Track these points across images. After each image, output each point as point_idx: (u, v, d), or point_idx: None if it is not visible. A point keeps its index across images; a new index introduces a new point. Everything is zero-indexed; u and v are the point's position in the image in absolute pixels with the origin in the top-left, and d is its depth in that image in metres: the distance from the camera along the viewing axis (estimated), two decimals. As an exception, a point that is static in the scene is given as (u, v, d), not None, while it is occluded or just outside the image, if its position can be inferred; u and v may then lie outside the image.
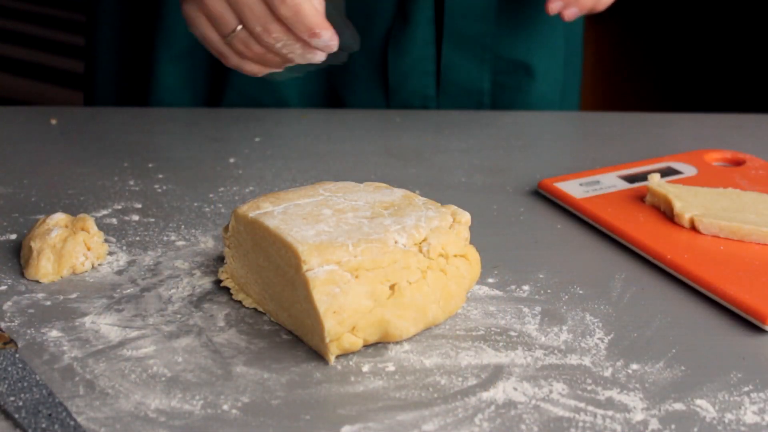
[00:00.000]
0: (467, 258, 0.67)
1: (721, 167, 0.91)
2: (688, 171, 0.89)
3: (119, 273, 0.72)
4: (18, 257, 0.74)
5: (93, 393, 0.59)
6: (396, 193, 0.70)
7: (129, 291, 0.70)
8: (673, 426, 0.57)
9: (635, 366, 0.62)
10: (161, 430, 0.56)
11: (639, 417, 0.58)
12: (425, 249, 0.64)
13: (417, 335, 0.65)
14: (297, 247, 0.62)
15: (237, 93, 1.05)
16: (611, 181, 0.87)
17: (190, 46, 0.86)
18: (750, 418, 0.58)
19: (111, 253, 0.75)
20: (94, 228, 0.74)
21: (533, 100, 1.09)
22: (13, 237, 0.77)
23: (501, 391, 0.60)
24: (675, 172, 0.89)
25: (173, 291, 0.70)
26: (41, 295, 0.69)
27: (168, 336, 0.65)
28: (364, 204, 0.68)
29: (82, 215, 0.74)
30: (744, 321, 0.68)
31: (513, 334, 0.66)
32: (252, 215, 0.66)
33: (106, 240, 0.76)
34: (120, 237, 0.78)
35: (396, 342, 0.64)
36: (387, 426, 0.57)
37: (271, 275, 0.66)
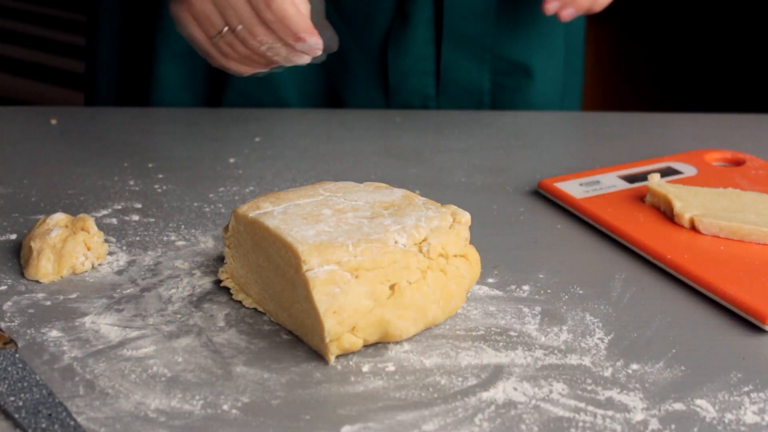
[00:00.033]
0: (467, 258, 0.66)
1: (721, 167, 0.91)
2: (688, 171, 0.89)
3: (119, 273, 0.72)
4: (18, 257, 0.74)
5: (93, 393, 0.59)
6: (396, 193, 0.70)
7: (129, 291, 0.70)
8: (673, 426, 0.57)
9: (635, 366, 0.62)
10: (161, 430, 0.56)
11: (639, 417, 0.58)
12: (425, 249, 0.64)
13: (417, 335, 0.65)
14: (297, 247, 0.62)
15: (237, 93, 1.05)
16: (611, 181, 0.87)
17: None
18: (750, 418, 0.58)
19: (111, 253, 0.75)
20: (94, 228, 0.74)
21: (533, 100, 1.09)
22: (13, 237, 0.77)
23: (501, 391, 0.60)
24: (675, 172, 0.89)
25: (173, 291, 0.70)
26: (41, 295, 0.69)
27: (168, 336, 0.65)
28: (364, 204, 0.68)
29: (82, 215, 0.74)
30: (744, 321, 0.68)
31: (513, 334, 0.66)
32: (252, 215, 0.66)
33: (106, 240, 0.76)
34: (120, 237, 0.78)
35: (396, 342, 0.64)
36: (387, 426, 0.57)
37: (271, 275, 0.66)
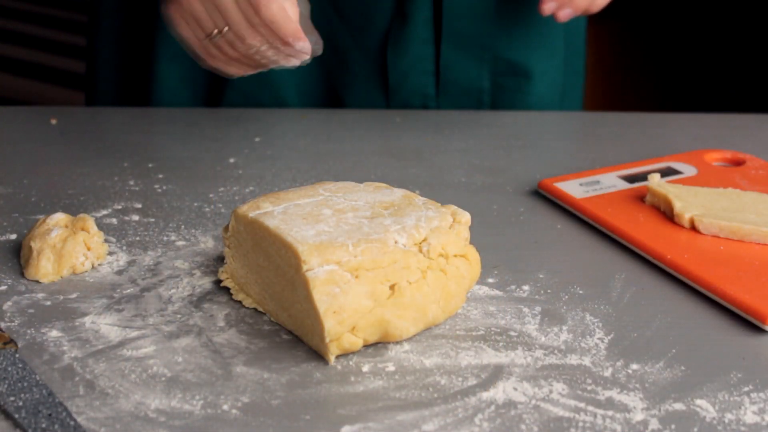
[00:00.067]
0: (467, 258, 0.66)
1: (721, 167, 0.91)
2: (688, 171, 0.89)
3: (119, 273, 0.72)
4: (18, 257, 0.74)
5: (93, 393, 0.59)
6: (396, 193, 0.70)
7: (129, 291, 0.70)
8: (673, 426, 0.57)
9: (635, 366, 0.62)
10: (161, 430, 0.56)
11: (639, 417, 0.58)
12: (425, 249, 0.64)
13: (417, 335, 0.65)
14: (297, 247, 0.62)
15: (237, 92, 1.05)
16: (611, 181, 0.87)
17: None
18: (750, 418, 0.58)
19: (111, 253, 0.75)
20: (94, 228, 0.74)
21: (532, 100, 1.09)
22: (13, 237, 0.77)
23: (501, 391, 0.60)
24: (675, 172, 0.89)
25: (173, 291, 0.70)
26: (41, 295, 0.69)
27: (168, 336, 0.65)
28: (364, 204, 0.68)
29: (82, 215, 0.74)
30: (744, 321, 0.68)
31: (513, 334, 0.66)
32: (252, 215, 0.66)
33: (106, 240, 0.76)
34: (120, 237, 0.78)
35: (396, 342, 0.64)
36: (387, 426, 0.57)
37: (271, 275, 0.66)
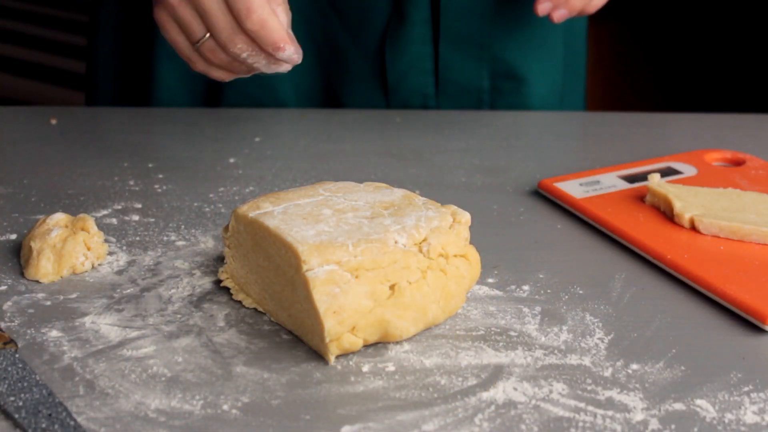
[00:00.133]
0: (467, 258, 0.66)
1: (721, 167, 0.91)
2: (688, 171, 0.89)
3: (119, 273, 0.72)
4: (18, 257, 0.74)
5: (93, 393, 0.59)
6: (396, 193, 0.70)
7: (129, 291, 0.70)
8: (673, 426, 0.57)
9: (635, 366, 0.62)
10: (161, 430, 0.56)
11: (639, 417, 0.58)
12: (425, 249, 0.64)
13: (417, 335, 0.65)
14: (297, 247, 0.62)
15: (235, 92, 1.05)
16: (611, 181, 0.87)
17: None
18: (750, 418, 0.58)
19: (111, 253, 0.75)
20: (94, 228, 0.74)
21: (531, 101, 1.09)
22: (13, 237, 0.77)
23: (501, 391, 0.60)
24: (675, 172, 0.89)
25: (173, 291, 0.70)
26: (41, 295, 0.69)
27: (168, 336, 0.65)
28: (364, 204, 0.68)
29: (82, 215, 0.74)
30: (744, 321, 0.68)
31: (513, 334, 0.66)
32: (252, 215, 0.66)
33: (106, 240, 0.76)
34: (120, 237, 0.78)
35: (396, 342, 0.64)
36: (387, 426, 0.57)
37: (271, 275, 0.66)
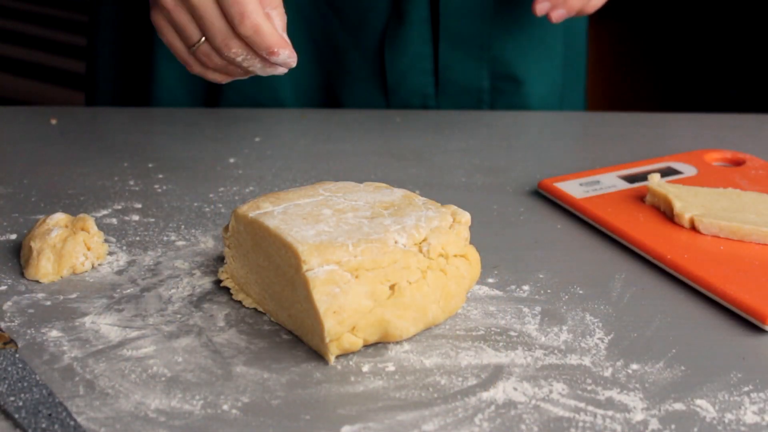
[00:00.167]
0: (467, 258, 0.66)
1: (721, 167, 0.91)
2: (688, 171, 0.89)
3: (119, 273, 0.72)
4: (18, 257, 0.74)
5: (93, 393, 0.59)
6: (396, 193, 0.70)
7: (129, 291, 0.70)
8: (673, 426, 0.57)
9: (635, 366, 0.62)
10: (161, 430, 0.56)
11: (639, 417, 0.58)
12: (425, 249, 0.64)
13: (417, 335, 0.65)
14: (297, 247, 0.62)
15: (235, 92, 1.05)
16: (611, 181, 0.87)
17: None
18: (750, 418, 0.58)
19: (111, 253, 0.75)
20: (94, 228, 0.74)
21: (531, 101, 1.09)
22: (13, 237, 0.77)
23: (501, 391, 0.60)
24: (675, 172, 0.89)
25: (173, 291, 0.70)
26: (41, 295, 0.69)
27: (168, 336, 0.65)
28: (364, 204, 0.68)
29: (82, 215, 0.74)
30: (744, 321, 0.68)
31: (513, 334, 0.66)
32: (252, 215, 0.66)
33: (106, 240, 0.76)
34: (120, 237, 0.78)
35: (396, 342, 0.64)
36: (387, 426, 0.57)
37: (271, 275, 0.66)
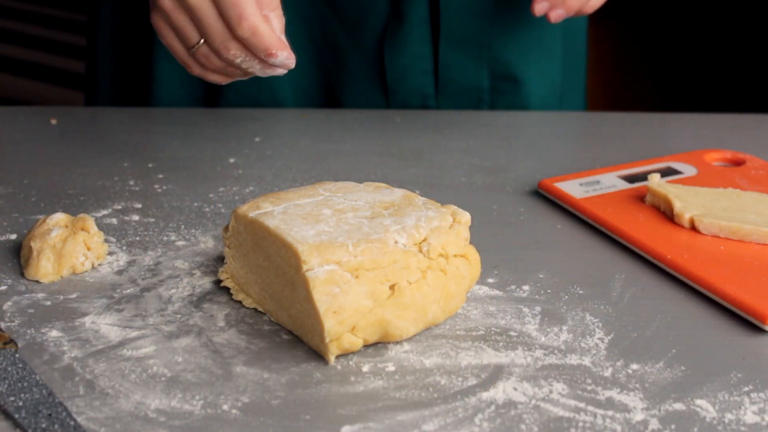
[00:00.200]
0: (467, 258, 0.66)
1: (721, 167, 0.91)
2: (688, 171, 0.89)
3: (119, 273, 0.72)
4: (18, 257, 0.74)
5: (93, 393, 0.59)
6: (396, 193, 0.70)
7: (129, 291, 0.70)
8: (673, 426, 0.57)
9: (635, 366, 0.62)
10: (161, 430, 0.56)
11: (639, 417, 0.58)
12: (425, 249, 0.64)
13: (417, 335, 0.65)
14: (297, 247, 0.62)
15: (234, 92, 1.05)
16: (611, 181, 0.87)
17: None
18: (750, 418, 0.58)
19: (111, 253, 0.75)
20: (94, 228, 0.74)
21: (530, 101, 1.09)
22: (13, 237, 0.77)
23: (501, 391, 0.60)
24: (675, 172, 0.89)
25: (173, 291, 0.70)
26: (41, 295, 0.69)
27: (168, 336, 0.65)
28: (364, 204, 0.68)
29: (82, 215, 0.74)
30: (744, 321, 0.68)
31: (513, 334, 0.66)
32: (252, 215, 0.66)
33: (106, 240, 0.76)
34: (120, 237, 0.78)
35: (396, 342, 0.64)
36: (387, 426, 0.57)
37: (271, 275, 0.66)
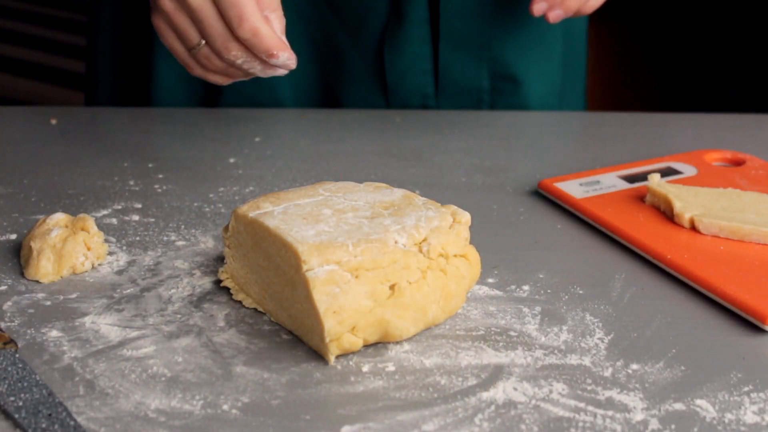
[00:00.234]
0: (467, 258, 0.66)
1: (721, 167, 0.91)
2: (688, 171, 0.89)
3: (119, 273, 0.72)
4: (18, 257, 0.74)
5: (93, 393, 0.59)
6: (396, 193, 0.70)
7: (129, 291, 0.70)
8: (673, 426, 0.57)
9: (635, 366, 0.62)
10: (161, 430, 0.56)
11: (639, 417, 0.58)
12: (425, 249, 0.64)
13: (417, 335, 0.65)
14: (297, 247, 0.62)
15: (234, 92, 1.05)
16: (611, 181, 0.87)
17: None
18: (750, 418, 0.58)
19: (111, 253, 0.75)
20: (94, 228, 0.74)
21: (530, 102, 1.09)
22: (13, 237, 0.77)
23: (501, 391, 0.60)
24: (675, 172, 0.89)
25: (173, 291, 0.70)
26: (41, 295, 0.69)
27: (168, 336, 0.65)
28: (364, 204, 0.68)
29: (82, 215, 0.74)
30: (744, 321, 0.68)
31: (513, 334, 0.66)
32: (252, 215, 0.66)
33: (106, 240, 0.76)
34: (120, 237, 0.78)
35: (396, 342, 0.64)
36: (387, 426, 0.57)
37: (271, 275, 0.66)
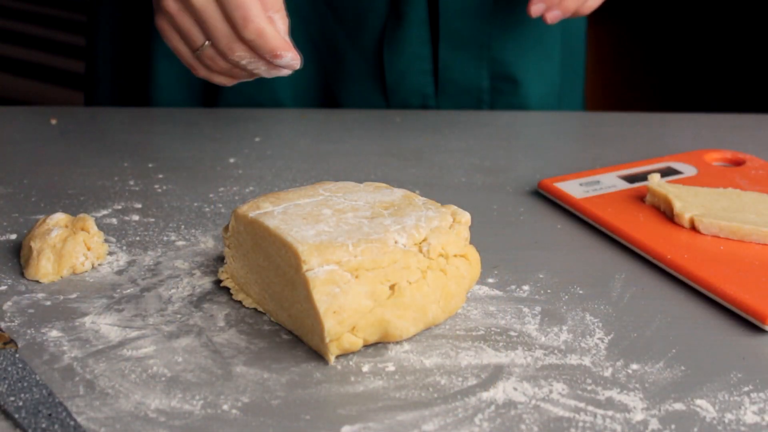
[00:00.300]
0: (467, 258, 0.66)
1: (721, 167, 0.91)
2: (688, 171, 0.89)
3: (119, 273, 0.72)
4: (18, 257, 0.74)
5: (93, 393, 0.59)
6: (396, 193, 0.70)
7: (129, 291, 0.70)
8: (673, 426, 0.57)
9: (635, 366, 0.62)
10: (161, 430, 0.56)
11: (639, 417, 0.58)
12: (425, 249, 0.64)
13: (417, 335, 0.65)
14: (297, 247, 0.62)
15: (233, 92, 1.05)
16: (611, 181, 0.87)
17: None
18: (750, 418, 0.58)
19: (111, 253, 0.75)
20: (94, 228, 0.74)
21: (529, 102, 1.09)
22: (13, 237, 0.77)
23: (501, 391, 0.60)
24: (675, 172, 0.89)
25: (173, 291, 0.70)
26: (41, 295, 0.69)
27: (168, 336, 0.65)
28: (364, 204, 0.68)
29: (82, 215, 0.74)
30: (744, 321, 0.68)
31: (513, 334, 0.66)
32: (252, 215, 0.66)
33: (106, 240, 0.76)
34: (120, 237, 0.78)
35: (396, 342, 0.64)
36: (387, 426, 0.57)
37: (271, 275, 0.66)
